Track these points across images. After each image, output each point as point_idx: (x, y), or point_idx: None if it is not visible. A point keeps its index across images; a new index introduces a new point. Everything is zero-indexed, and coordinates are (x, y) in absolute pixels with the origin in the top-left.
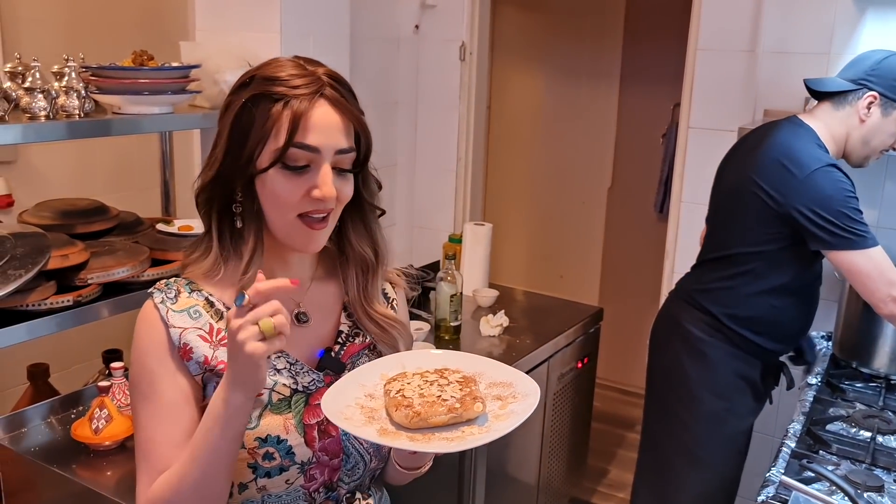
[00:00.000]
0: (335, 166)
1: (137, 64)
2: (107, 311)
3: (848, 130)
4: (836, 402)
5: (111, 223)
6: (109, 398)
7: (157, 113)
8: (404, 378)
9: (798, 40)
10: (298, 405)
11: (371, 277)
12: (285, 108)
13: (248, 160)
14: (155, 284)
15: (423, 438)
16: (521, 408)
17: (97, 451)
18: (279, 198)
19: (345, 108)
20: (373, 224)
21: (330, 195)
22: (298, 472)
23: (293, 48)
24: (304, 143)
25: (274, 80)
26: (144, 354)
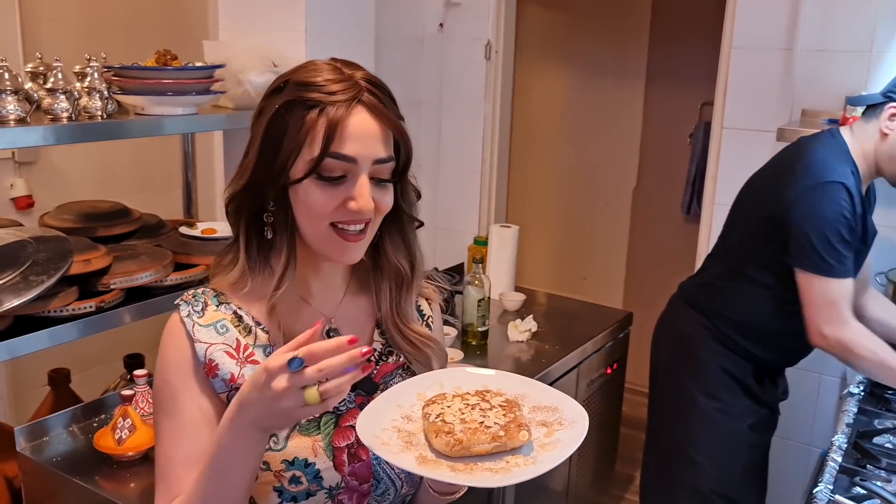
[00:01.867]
0: (373, 176)
1: (161, 64)
2: (129, 317)
3: (875, 145)
4: (881, 413)
5: (133, 226)
6: (133, 407)
7: (181, 114)
8: (444, 400)
9: (838, 38)
10: (328, 427)
11: (405, 292)
12: (321, 115)
13: (280, 169)
14: (182, 296)
15: (465, 469)
16: (568, 436)
17: (120, 461)
18: (312, 208)
19: (383, 116)
20: (410, 235)
21: (367, 207)
22: (326, 497)
23: (318, 47)
24: (340, 153)
25: (309, 86)
26: (168, 369)
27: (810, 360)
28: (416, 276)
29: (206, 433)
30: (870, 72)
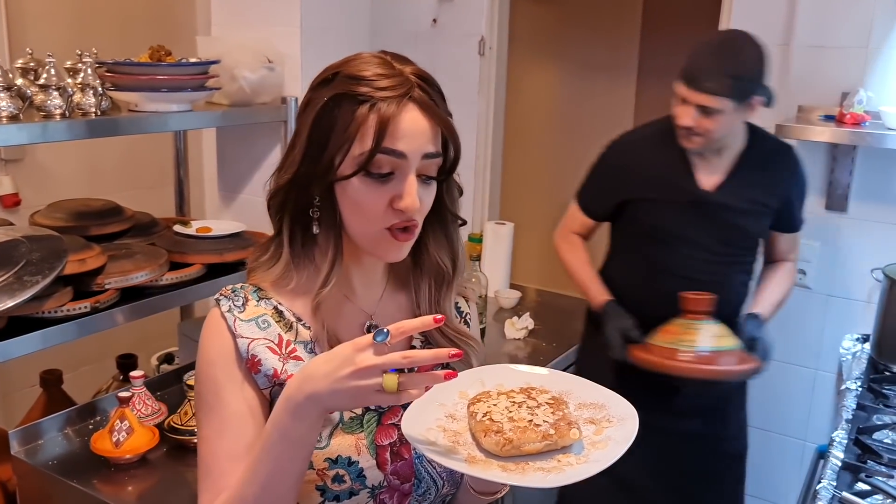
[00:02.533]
0: (420, 173)
1: (155, 59)
2: (125, 318)
3: None
4: (879, 408)
5: (126, 224)
6: (130, 409)
7: (176, 111)
8: (489, 398)
9: (834, 34)
10: (371, 424)
11: (445, 290)
12: (371, 111)
13: (328, 165)
14: (220, 290)
15: (516, 469)
16: (619, 434)
17: (118, 464)
18: (361, 207)
19: (434, 113)
20: (453, 233)
21: (414, 206)
22: (369, 496)
23: (313, 43)
24: (392, 148)
25: (359, 80)
26: (210, 364)
27: (805, 355)
28: (458, 274)
29: (252, 426)
30: (866, 68)
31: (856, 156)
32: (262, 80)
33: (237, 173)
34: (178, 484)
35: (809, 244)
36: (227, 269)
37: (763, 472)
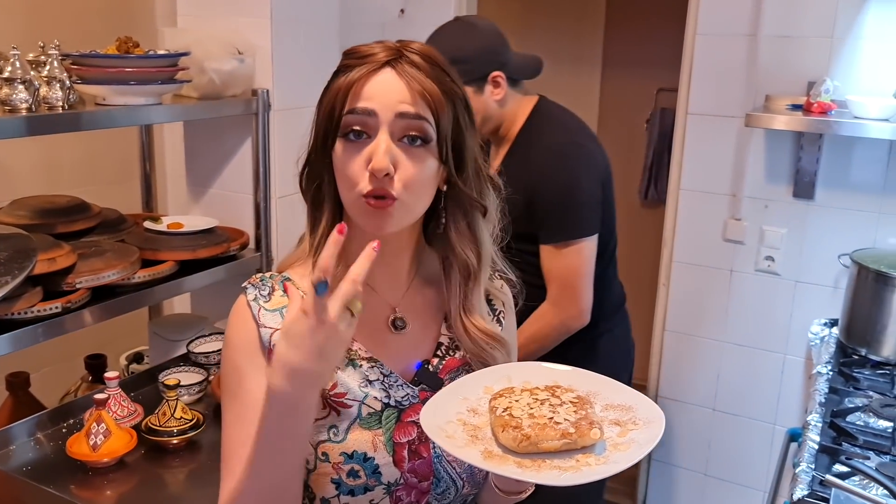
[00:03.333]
0: (403, 134)
1: (122, 51)
2: (97, 318)
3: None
4: (850, 391)
5: (93, 221)
6: (106, 411)
7: (145, 104)
8: (512, 394)
9: (800, 24)
10: (389, 421)
11: (472, 284)
12: (346, 78)
13: (324, 138)
14: (249, 279)
15: (532, 465)
16: (643, 437)
17: (95, 468)
18: (342, 173)
19: (413, 79)
20: (477, 224)
21: (380, 165)
22: (384, 493)
23: (284, 33)
24: (355, 106)
25: (351, 54)
26: (234, 351)
27: (774, 340)
28: (483, 266)
29: None
30: (831, 57)
31: (822, 144)
32: (233, 72)
33: (206, 167)
34: (157, 486)
35: (777, 231)
36: (200, 266)
37: (733, 456)
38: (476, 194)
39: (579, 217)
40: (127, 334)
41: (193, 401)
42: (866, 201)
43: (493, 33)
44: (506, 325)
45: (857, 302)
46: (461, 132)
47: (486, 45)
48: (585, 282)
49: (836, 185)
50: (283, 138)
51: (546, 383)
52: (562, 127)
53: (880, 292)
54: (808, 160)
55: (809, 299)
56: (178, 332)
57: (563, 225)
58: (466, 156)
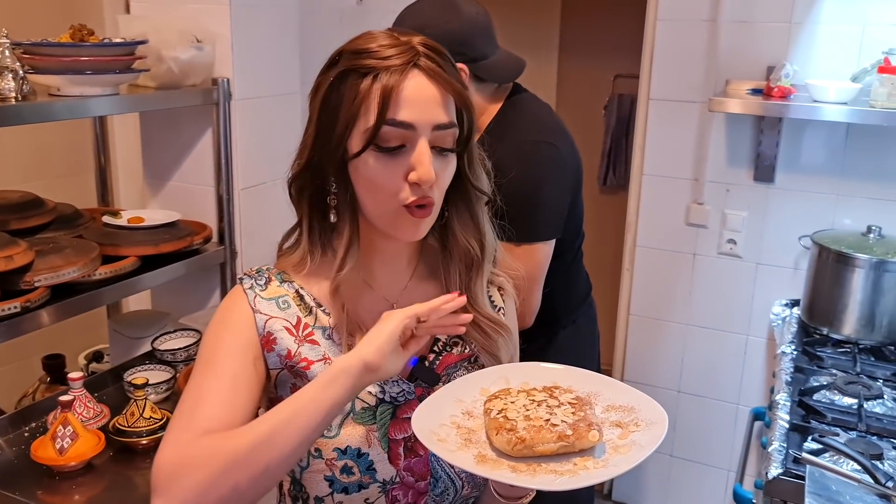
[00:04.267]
0: (434, 145)
1: (77, 39)
2: (57, 317)
3: None
4: (815, 370)
5: (48, 217)
6: (72, 413)
7: (102, 94)
8: (508, 396)
9: (759, 9)
10: (384, 417)
11: (475, 274)
12: (375, 82)
13: (338, 143)
14: (245, 270)
15: (527, 470)
16: (644, 439)
17: (62, 472)
18: (376, 185)
19: (443, 80)
20: (479, 213)
21: (427, 177)
22: (379, 491)
23: (243, 21)
24: (396, 119)
25: (362, 53)
26: (222, 327)
27: (737, 321)
28: (486, 256)
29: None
30: (789, 42)
31: (782, 128)
32: (192, 61)
33: (165, 159)
34: (127, 488)
35: (739, 214)
36: (163, 261)
37: (697, 437)
38: (481, 183)
39: (539, 220)
40: (83, 332)
41: (161, 399)
42: (825, 184)
43: (473, 23)
44: (507, 320)
45: (818, 282)
46: (473, 127)
47: (459, 32)
48: (536, 286)
49: (795, 169)
50: (245, 128)
51: (545, 384)
52: (536, 123)
53: (841, 272)
54: (768, 144)
55: (771, 281)
56: (139, 330)
57: (522, 225)
58: (473, 146)
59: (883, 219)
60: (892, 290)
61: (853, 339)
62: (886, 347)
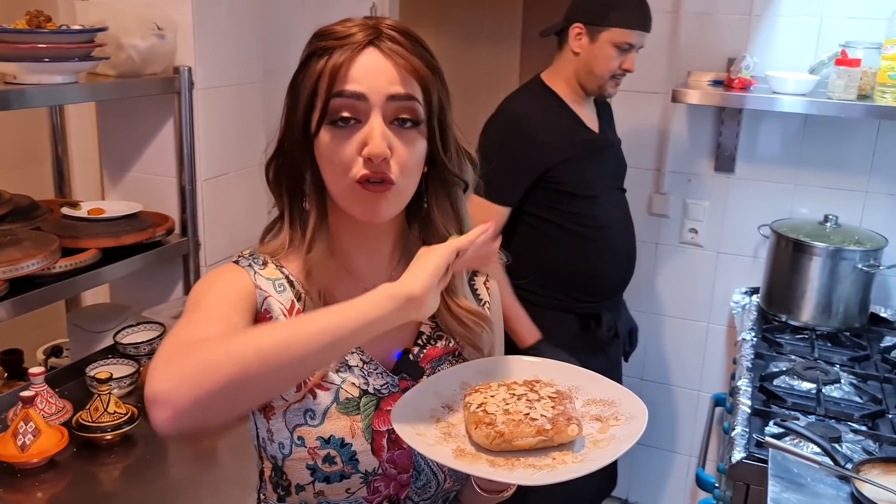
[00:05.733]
0: (395, 117)
1: (34, 26)
2: (15, 311)
3: (573, 67)
4: (774, 356)
5: (5, 209)
6: (34, 409)
7: (61, 82)
8: (488, 390)
9: (720, 2)
10: (368, 408)
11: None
12: (329, 60)
13: (301, 125)
14: (238, 254)
15: (505, 464)
16: (624, 433)
17: (24, 469)
18: (332, 162)
19: (400, 56)
20: (458, 200)
21: (378, 150)
22: (361, 481)
23: (205, 8)
24: (344, 90)
25: (324, 35)
26: (217, 285)
27: (698, 309)
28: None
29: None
30: (749, 34)
31: (742, 119)
32: (152, 49)
33: (124, 150)
34: (91, 485)
35: (700, 204)
36: (125, 253)
37: (660, 424)
38: (458, 171)
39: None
40: (39, 326)
41: (125, 394)
42: (783, 173)
43: None
44: (492, 313)
45: (777, 270)
46: (444, 109)
47: None
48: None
49: (755, 159)
50: (208, 118)
51: (526, 378)
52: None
53: (798, 260)
54: (728, 135)
55: (731, 269)
56: (100, 323)
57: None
58: (449, 133)
59: (840, 208)
60: (847, 277)
61: (811, 326)
62: (843, 333)
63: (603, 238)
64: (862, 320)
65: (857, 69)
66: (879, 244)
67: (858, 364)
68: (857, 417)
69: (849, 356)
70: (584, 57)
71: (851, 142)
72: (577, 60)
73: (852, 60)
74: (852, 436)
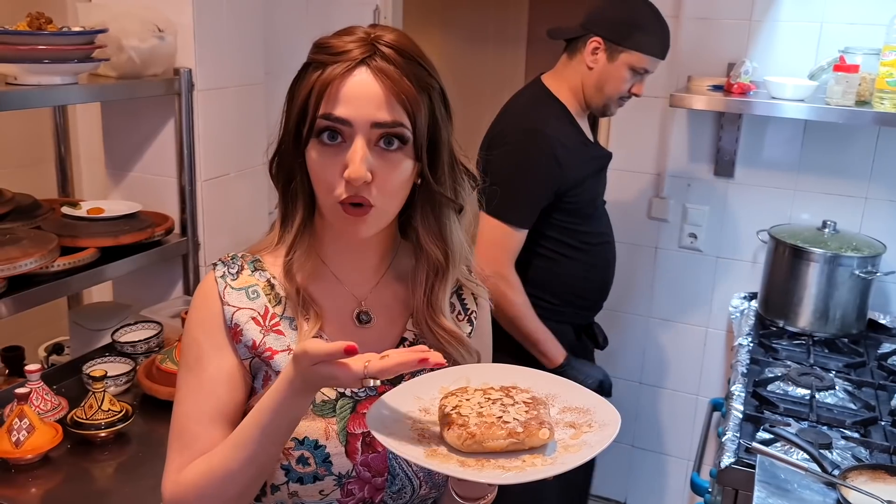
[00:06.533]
0: (377, 143)
1: (34, 28)
2: (14, 308)
3: (581, 79)
4: (770, 361)
5: (6, 208)
6: (29, 406)
7: (61, 83)
8: (464, 393)
9: (720, 7)
10: (344, 411)
11: (439, 282)
12: (322, 75)
13: (294, 133)
14: (220, 256)
15: (475, 465)
16: (595, 439)
17: (18, 465)
18: (318, 177)
19: (389, 79)
20: (445, 219)
21: (357, 174)
22: (335, 484)
23: (206, 10)
24: (330, 113)
25: (323, 47)
26: (196, 325)
27: (697, 314)
28: (452, 264)
29: (225, 392)
30: (749, 39)
31: (741, 124)
32: (153, 51)
33: (126, 150)
34: (84, 481)
35: (699, 209)
36: (123, 252)
37: (658, 427)
38: (449, 191)
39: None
40: (44, 324)
41: (120, 392)
42: (782, 179)
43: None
44: (477, 325)
45: (775, 276)
46: (437, 127)
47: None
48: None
49: (754, 164)
50: (208, 119)
51: (505, 384)
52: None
53: (796, 266)
54: (728, 139)
55: (730, 274)
56: (100, 322)
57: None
58: (442, 151)
59: (838, 214)
60: (845, 283)
61: (808, 332)
62: (840, 340)
63: (602, 252)
64: (859, 327)
65: (855, 75)
66: (877, 251)
67: (854, 371)
68: (850, 424)
69: (845, 362)
70: (596, 73)
71: (851, 148)
72: (587, 74)
73: (850, 66)
74: (843, 442)
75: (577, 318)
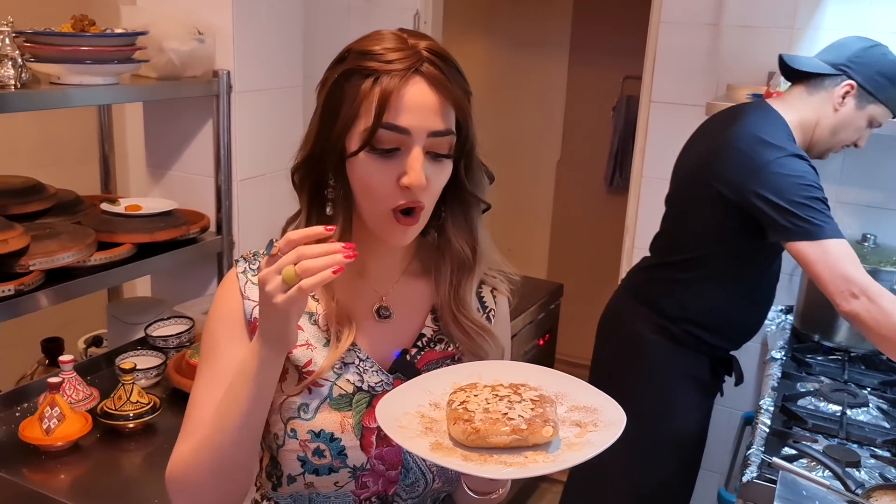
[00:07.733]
0: (430, 150)
1: (78, 30)
2: (51, 300)
3: (819, 118)
4: (802, 376)
5: (48, 203)
6: (60, 395)
7: (102, 84)
8: (473, 389)
9: (762, 14)
10: (360, 405)
11: (466, 278)
12: (375, 84)
13: (336, 141)
14: (243, 253)
15: (478, 459)
16: (599, 438)
17: (49, 452)
18: (369, 185)
19: (443, 87)
20: (475, 218)
21: (418, 182)
22: (350, 476)
23: (245, 14)
24: (393, 123)
25: (367, 54)
26: (216, 320)
27: None
28: (479, 261)
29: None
30: (791, 47)
31: None
32: (192, 53)
33: (166, 149)
34: (111, 470)
35: None
36: (158, 249)
37: None
38: (479, 190)
39: None
40: (86, 317)
41: (151, 384)
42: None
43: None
44: (496, 322)
45: (812, 290)
46: (474, 136)
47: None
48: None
49: None
50: (246, 120)
51: (515, 382)
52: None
53: None
54: None
55: None
56: (136, 316)
57: None
58: (475, 157)
59: (879, 227)
60: None
61: (844, 347)
62: (878, 356)
63: (769, 286)
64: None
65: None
66: None
67: (891, 388)
68: (881, 443)
69: (881, 380)
70: (840, 116)
71: (893, 159)
72: (829, 115)
73: None
74: (872, 461)
75: (717, 349)
